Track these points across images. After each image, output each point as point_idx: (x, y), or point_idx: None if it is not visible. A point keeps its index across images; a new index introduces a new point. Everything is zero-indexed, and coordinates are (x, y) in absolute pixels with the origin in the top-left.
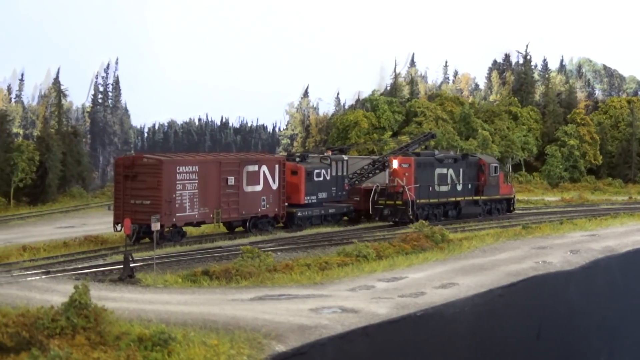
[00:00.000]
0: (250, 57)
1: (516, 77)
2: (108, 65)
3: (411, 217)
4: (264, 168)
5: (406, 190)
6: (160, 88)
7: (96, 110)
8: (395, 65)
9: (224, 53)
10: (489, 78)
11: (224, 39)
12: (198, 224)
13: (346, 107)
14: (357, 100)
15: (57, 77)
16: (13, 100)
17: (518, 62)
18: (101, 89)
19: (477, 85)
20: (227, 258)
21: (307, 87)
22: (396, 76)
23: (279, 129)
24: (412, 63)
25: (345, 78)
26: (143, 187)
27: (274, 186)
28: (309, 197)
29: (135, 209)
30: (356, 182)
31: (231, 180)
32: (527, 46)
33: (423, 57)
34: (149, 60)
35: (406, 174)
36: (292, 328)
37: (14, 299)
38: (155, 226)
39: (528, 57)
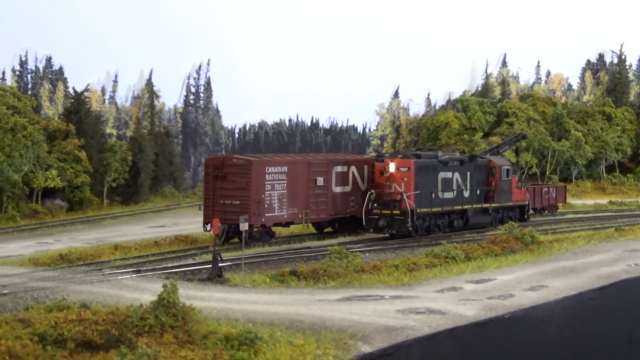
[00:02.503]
0: (341, 57)
1: (610, 77)
2: (200, 66)
3: (410, 228)
4: (353, 169)
5: (404, 197)
6: (251, 89)
7: (188, 111)
8: (487, 65)
9: (315, 54)
10: (582, 78)
11: (315, 40)
12: (287, 224)
13: (437, 107)
14: (448, 101)
15: (150, 78)
16: (107, 101)
17: (612, 61)
18: (193, 89)
19: (569, 86)
20: (315, 258)
21: (398, 88)
22: (487, 76)
23: (369, 129)
24: (504, 63)
25: (436, 78)
26: (232, 188)
27: (363, 187)
28: None
29: (224, 209)
30: None
31: (320, 180)
32: (621, 45)
33: (515, 57)
34: (240, 61)
35: (405, 178)
36: (379, 329)
37: (105, 297)
38: (244, 226)
39: (623, 57)
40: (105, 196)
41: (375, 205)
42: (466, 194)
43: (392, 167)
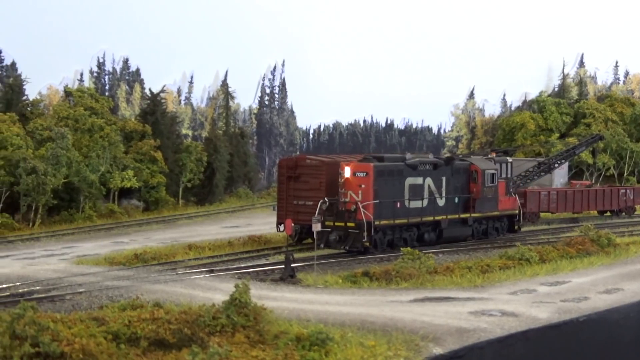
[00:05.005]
0: (417, 58)
1: None
2: (275, 67)
3: (367, 243)
4: None
5: (360, 207)
6: (325, 89)
7: (263, 112)
8: (564, 65)
9: (389, 54)
10: None
11: (390, 40)
12: None
13: (512, 108)
14: (524, 102)
15: (225, 79)
16: (183, 102)
17: None
18: (268, 90)
19: None
20: (387, 260)
21: (473, 89)
22: (564, 77)
23: (444, 130)
24: (581, 63)
25: (511, 79)
26: (305, 188)
27: None
28: None
29: (297, 209)
30: (520, 184)
31: None
32: None
33: (593, 57)
34: (315, 61)
35: (362, 185)
36: (451, 331)
37: (178, 296)
38: (316, 227)
39: None
40: (181, 196)
41: (328, 215)
42: (440, 202)
43: (347, 171)
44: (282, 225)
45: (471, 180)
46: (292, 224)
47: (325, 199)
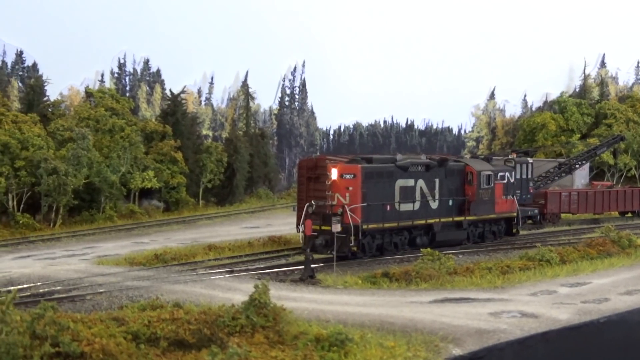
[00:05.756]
0: (437, 58)
1: None
2: (295, 68)
3: (354, 248)
4: None
5: (347, 210)
6: (346, 90)
7: (283, 113)
8: (585, 66)
9: (409, 54)
10: None
11: (408, 41)
12: None
13: (533, 109)
14: (545, 102)
15: (246, 80)
16: (203, 102)
17: None
18: (288, 91)
19: None
20: (407, 260)
21: (494, 89)
22: (585, 77)
23: (465, 131)
24: (603, 64)
25: (532, 79)
26: (325, 189)
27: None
28: None
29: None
30: (541, 185)
31: None
32: None
33: (614, 57)
34: (335, 62)
35: (350, 187)
36: (470, 332)
37: (198, 296)
38: (336, 227)
39: None
40: (201, 197)
41: (315, 219)
42: (434, 205)
43: (334, 173)
44: (302, 226)
45: (466, 182)
46: (312, 225)
47: (312, 202)
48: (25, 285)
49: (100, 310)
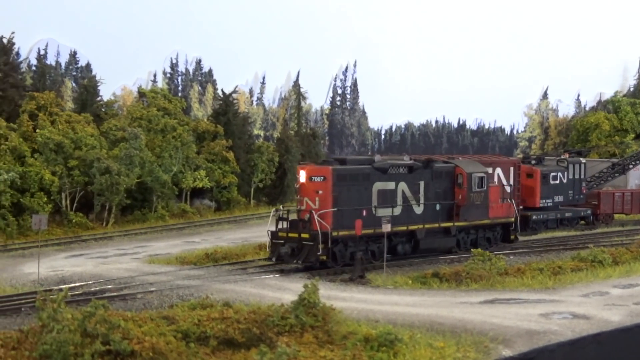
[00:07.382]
0: (489, 58)
1: None
2: (346, 67)
3: (323, 257)
4: (499, 170)
5: (314, 216)
6: (397, 90)
7: (334, 112)
8: (639, 65)
9: (462, 54)
10: None
11: (461, 41)
12: None
13: (587, 108)
14: (599, 102)
15: (297, 80)
16: (254, 102)
17: None
18: (339, 91)
19: None
20: (458, 261)
21: (547, 89)
22: None
23: (517, 131)
24: None
25: (586, 79)
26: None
27: (509, 189)
28: (544, 201)
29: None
30: (594, 185)
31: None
32: None
33: None
34: (387, 62)
35: (320, 191)
36: (520, 333)
37: (247, 296)
38: (386, 227)
39: None
40: (252, 196)
41: (283, 225)
42: (418, 210)
43: (302, 176)
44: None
45: (456, 185)
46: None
47: (281, 206)
48: (77, 284)
49: (151, 309)
